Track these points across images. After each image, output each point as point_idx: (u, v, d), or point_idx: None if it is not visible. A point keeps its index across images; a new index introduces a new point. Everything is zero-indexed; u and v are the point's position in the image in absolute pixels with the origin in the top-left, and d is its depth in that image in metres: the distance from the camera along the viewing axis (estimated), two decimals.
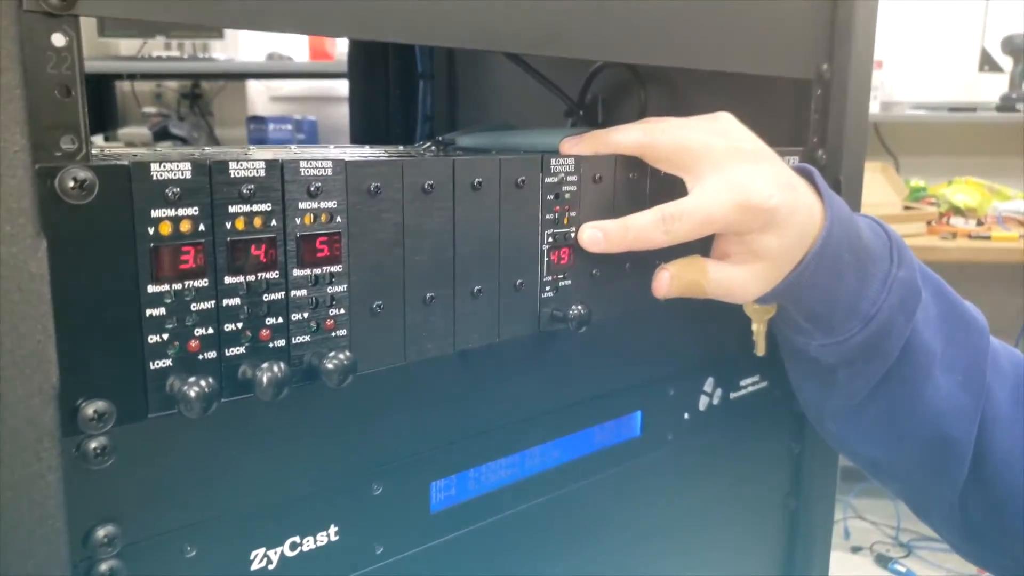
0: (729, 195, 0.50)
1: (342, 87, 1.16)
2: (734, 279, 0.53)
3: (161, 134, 2.68)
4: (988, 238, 2.16)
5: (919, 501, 0.61)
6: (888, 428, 0.58)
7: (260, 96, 3.00)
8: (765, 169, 0.52)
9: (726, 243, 0.54)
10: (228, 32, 2.80)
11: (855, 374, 0.56)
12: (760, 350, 0.59)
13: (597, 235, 0.51)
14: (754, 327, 0.59)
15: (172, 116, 2.83)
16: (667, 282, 0.53)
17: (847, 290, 0.53)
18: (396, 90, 1.10)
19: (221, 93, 2.98)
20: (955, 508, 0.58)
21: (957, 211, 2.39)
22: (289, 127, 2.69)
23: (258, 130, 2.63)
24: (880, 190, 2.36)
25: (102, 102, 2.82)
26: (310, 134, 2.75)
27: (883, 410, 0.57)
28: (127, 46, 2.84)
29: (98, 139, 2.60)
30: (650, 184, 0.54)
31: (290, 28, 0.40)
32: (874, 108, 2.70)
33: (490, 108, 1.06)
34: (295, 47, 2.81)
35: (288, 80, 2.93)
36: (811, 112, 0.68)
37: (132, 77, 2.77)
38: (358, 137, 1.12)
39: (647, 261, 0.55)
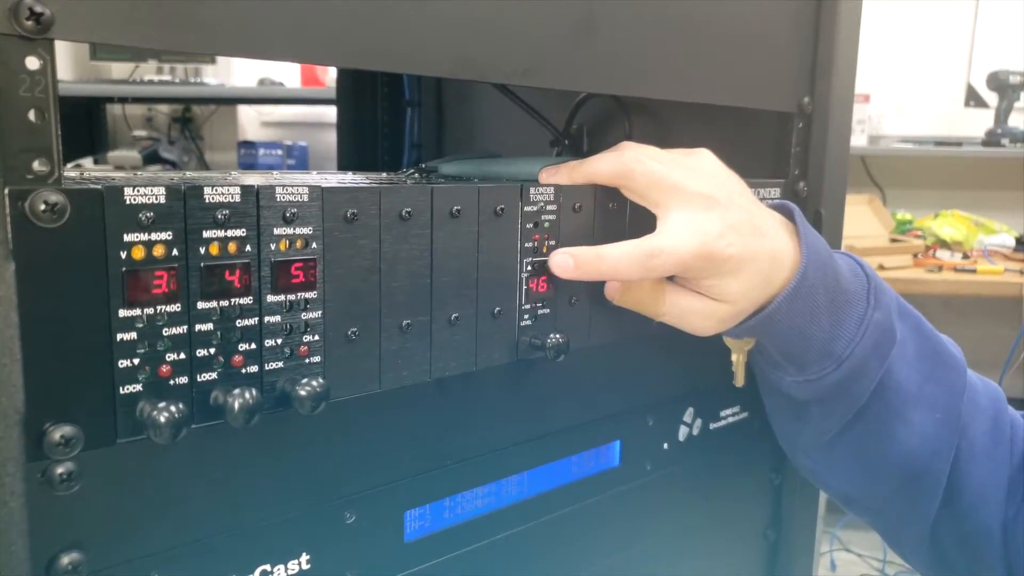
0: (693, 239, 0.50)
1: (333, 113, 1.17)
2: (692, 310, 0.53)
3: (151, 158, 2.69)
4: (973, 271, 2.18)
5: (890, 531, 0.61)
6: (859, 464, 0.58)
7: (251, 121, 3.02)
8: (730, 216, 0.51)
9: (685, 283, 0.54)
10: (220, 57, 2.82)
11: (827, 412, 0.56)
12: (739, 381, 0.59)
13: (567, 261, 0.50)
14: (733, 357, 0.59)
15: (162, 140, 2.84)
16: (616, 289, 0.53)
17: (821, 331, 0.53)
18: (384, 117, 1.11)
19: (212, 117, 2.99)
20: (926, 539, 0.58)
21: (943, 244, 2.41)
22: (279, 152, 2.70)
23: (248, 155, 2.64)
24: (867, 222, 2.38)
25: (92, 125, 2.82)
26: (300, 159, 2.76)
27: (854, 447, 0.57)
28: (119, 69, 2.85)
29: (87, 162, 2.60)
30: (630, 214, 0.55)
31: (275, 55, 0.40)
32: (862, 141, 2.73)
33: (477, 136, 1.06)
34: (287, 73, 2.83)
35: (279, 105, 2.94)
36: (792, 145, 0.69)
37: (123, 100, 2.77)
38: (345, 163, 1.12)
39: None
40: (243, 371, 0.39)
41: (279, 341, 0.40)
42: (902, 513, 0.58)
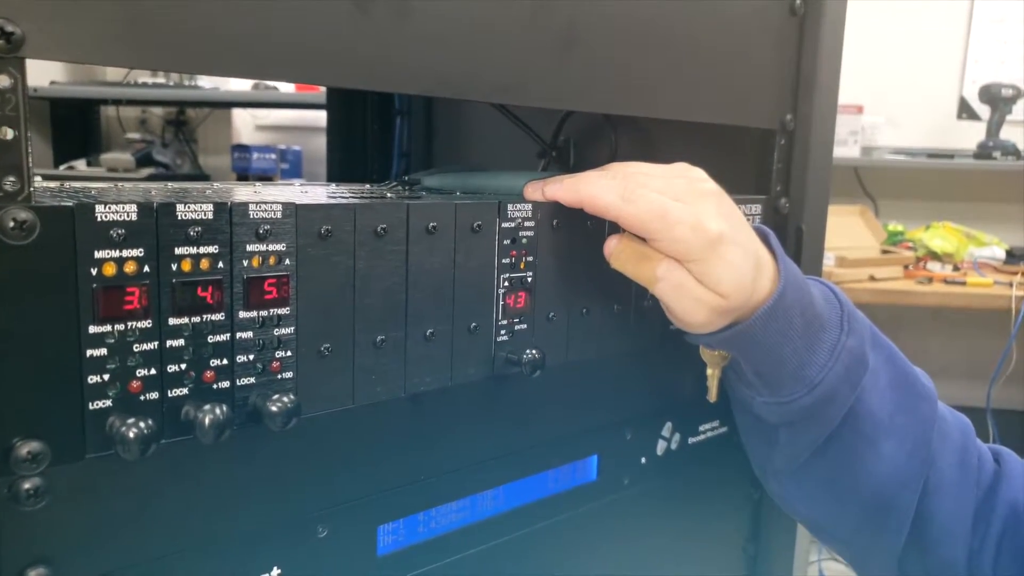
0: (688, 212, 0.50)
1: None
2: (687, 287, 0.51)
3: (144, 160, 2.68)
4: (963, 283, 2.18)
5: (859, 562, 0.61)
6: (829, 492, 0.58)
7: (245, 125, 3.01)
8: (723, 208, 0.52)
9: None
10: None
11: (796, 436, 0.56)
12: (712, 396, 0.59)
13: (554, 186, 0.52)
14: (708, 371, 0.59)
15: (156, 142, 2.83)
16: (613, 243, 0.53)
17: (795, 353, 0.53)
18: (373, 126, 1.11)
19: (206, 121, 2.98)
20: (894, 571, 0.58)
21: (934, 256, 2.42)
22: (273, 156, 2.69)
23: (242, 159, 2.63)
24: (859, 233, 2.38)
25: (86, 126, 2.81)
26: (294, 164, 2.76)
27: (824, 474, 0.57)
28: (113, 71, 2.85)
29: (80, 164, 2.59)
30: (608, 231, 0.55)
31: (250, 74, 0.40)
32: (854, 152, 2.74)
33: (466, 146, 1.06)
34: None
35: (274, 109, 2.94)
36: (774, 161, 0.69)
37: (117, 102, 2.77)
38: (335, 172, 1.12)
39: (605, 306, 0.56)
40: (214, 387, 0.39)
41: (251, 357, 0.40)
42: (870, 544, 0.58)
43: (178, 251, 0.37)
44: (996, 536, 0.56)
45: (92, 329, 0.35)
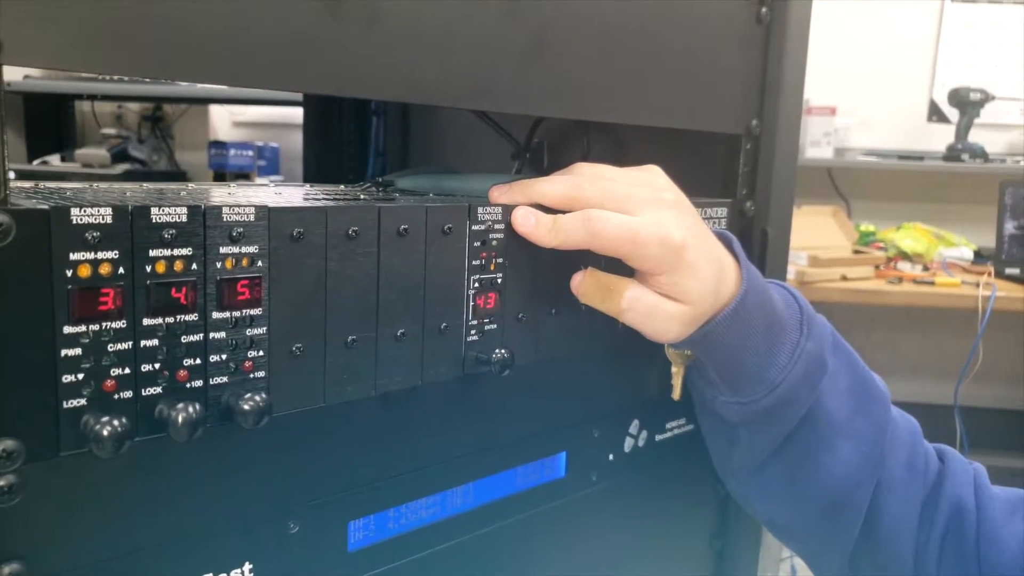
0: (653, 228, 0.51)
1: None
2: (657, 309, 0.53)
3: (120, 156, 2.66)
4: (932, 283, 2.22)
5: (813, 558, 0.64)
6: (786, 491, 0.60)
7: (223, 121, 3.00)
8: (684, 218, 0.54)
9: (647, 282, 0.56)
10: None
11: (756, 435, 0.58)
12: (676, 394, 0.61)
13: (529, 220, 0.52)
14: (673, 369, 0.60)
15: (132, 138, 2.81)
16: (578, 280, 0.55)
17: (756, 355, 0.55)
18: (350, 126, 1.12)
19: (183, 117, 2.97)
20: (846, 567, 0.60)
21: (904, 256, 2.46)
22: (250, 153, 2.68)
23: (219, 155, 2.62)
24: (831, 233, 2.42)
25: (61, 121, 2.79)
26: (272, 161, 2.75)
27: (782, 473, 0.59)
28: None
29: (54, 159, 2.57)
30: None
31: (222, 80, 0.41)
32: (827, 153, 2.77)
33: (441, 147, 1.07)
34: None
35: (251, 106, 2.93)
36: (740, 165, 0.71)
37: (92, 97, 2.75)
38: (311, 171, 1.13)
39: (573, 306, 0.57)
40: (188, 385, 0.40)
41: (224, 356, 0.41)
42: (824, 542, 0.60)
43: (152, 253, 0.38)
44: (940, 532, 0.58)
45: (67, 329, 0.36)
